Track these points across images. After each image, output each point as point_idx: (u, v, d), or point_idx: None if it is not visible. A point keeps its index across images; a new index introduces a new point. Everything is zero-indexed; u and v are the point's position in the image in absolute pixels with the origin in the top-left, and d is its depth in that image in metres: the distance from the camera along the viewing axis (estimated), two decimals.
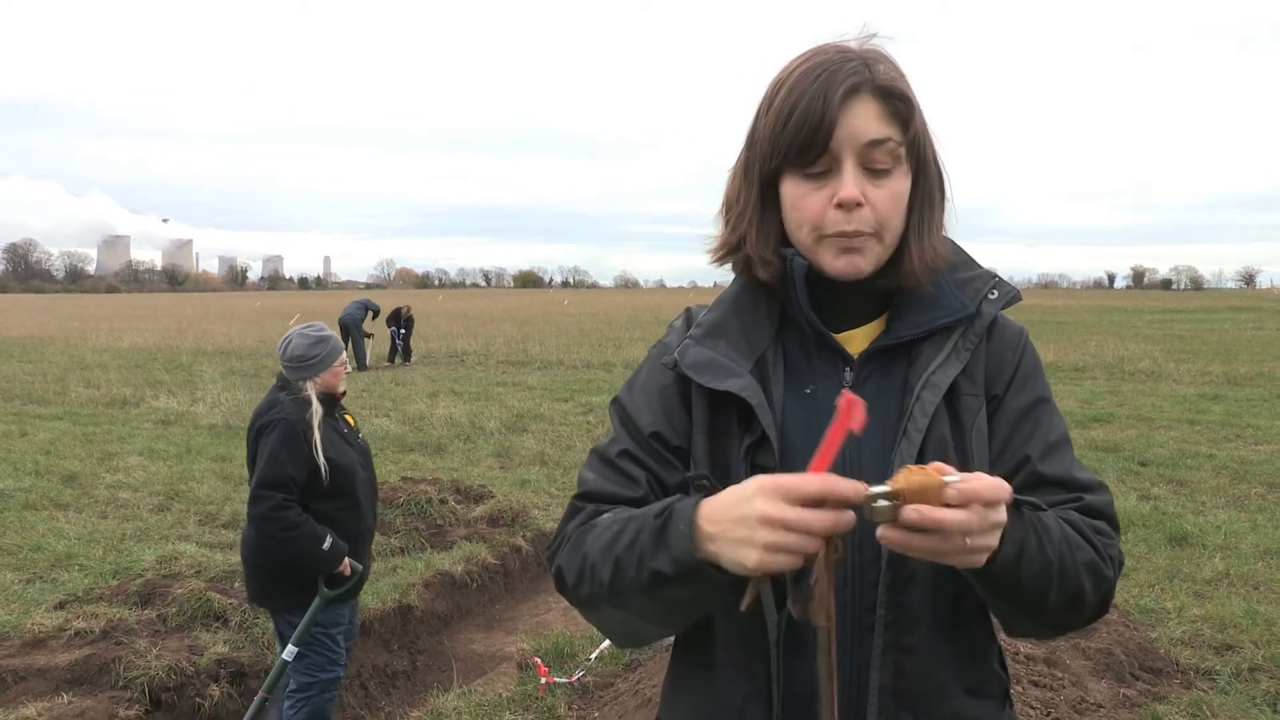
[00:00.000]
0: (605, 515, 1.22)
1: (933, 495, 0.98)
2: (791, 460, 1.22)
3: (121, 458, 9.85)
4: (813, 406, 1.25)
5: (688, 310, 1.40)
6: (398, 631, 5.53)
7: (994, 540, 1.02)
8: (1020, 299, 1.32)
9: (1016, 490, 1.16)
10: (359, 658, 5.20)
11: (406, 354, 21.14)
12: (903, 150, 1.21)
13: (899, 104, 1.20)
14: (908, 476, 0.99)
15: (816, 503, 0.99)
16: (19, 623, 4.93)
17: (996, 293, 1.30)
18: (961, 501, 0.97)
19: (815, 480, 0.98)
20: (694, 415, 1.28)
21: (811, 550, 1.00)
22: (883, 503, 0.98)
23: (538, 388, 15.94)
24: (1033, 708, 3.99)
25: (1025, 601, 1.14)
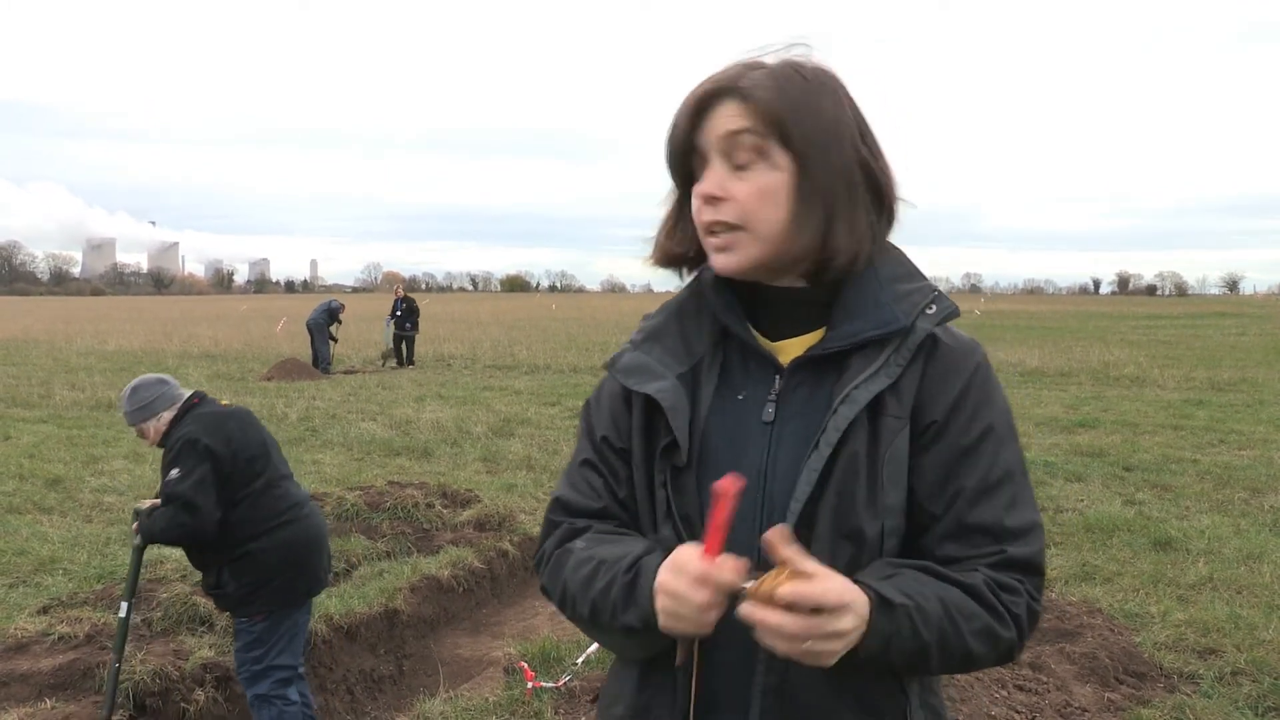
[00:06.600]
0: (578, 543, 1.31)
1: (765, 596, 1.06)
2: (706, 463, 1.26)
3: (106, 461, 9.80)
4: (739, 412, 1.28)
5: (643, 318, 1.43)
6: (384, 636, 5.51)
7: (835, 645, 1.07)
8: (958, 314, 1.28)
9: (942, 535, 1.22)
10: (345, 662, 5.19)
11: (410, 355, 20.77)
12: (768, 142, 1.21)
13: (761, 98, 1.20)
14: (773, 578, 1.05)
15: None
16: (2, 627, 4.90)
17: (935, 307, 1.26)
18: (786, 605, 1.03)
19: (695, 564, 1.08)
20: (633, 418, 1.32)
21: (701, 624, 1.10)
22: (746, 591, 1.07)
23: (525, 392, 15.92)
24: (1018, 712, 4.01)
25: (902, 670, 1.20)
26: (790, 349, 1.29)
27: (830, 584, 1.05)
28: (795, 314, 1.29)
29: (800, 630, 1.04)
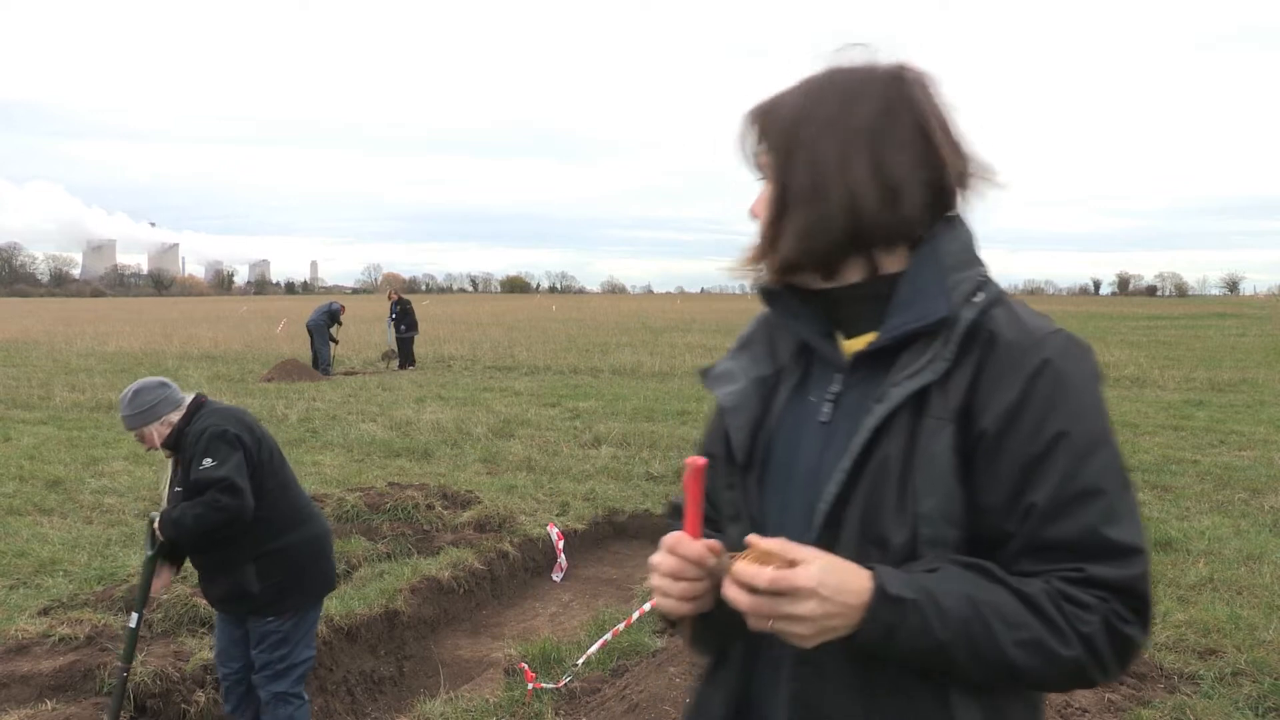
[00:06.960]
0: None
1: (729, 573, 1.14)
2: (770, 465, 1.29)
3: (107, 462, 9.80)
4: (805, 413, 1.28)
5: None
6: (384, 637, 5.52)
7: (798, 627, 1.08)
8: (1001, 300, 1.22)
9: (1017, 551, 1.13)
10: (345, 663, 5.19)
11: (408, 356, 20.67)
12: (766, 158, 1.28)
13: (759, 120, 1.29)
14: (743, 555, 1.12)
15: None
16: (2, 629, 4.90)
17: (981, 294, 1.19)
18: (735, 582, 1.10)
19: (669, 537, 1.18)
20: (720, 422, 1.38)
21: (678, 594, 1.18)
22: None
23: (525, 393, 15.92)
24: None
25: (933, 670, 1.13)
26: (855, 348, 1.27)
27: (801, 570, 1.07)
28: (861, 311, 1.26)
29: (752, 608, 1.09)
